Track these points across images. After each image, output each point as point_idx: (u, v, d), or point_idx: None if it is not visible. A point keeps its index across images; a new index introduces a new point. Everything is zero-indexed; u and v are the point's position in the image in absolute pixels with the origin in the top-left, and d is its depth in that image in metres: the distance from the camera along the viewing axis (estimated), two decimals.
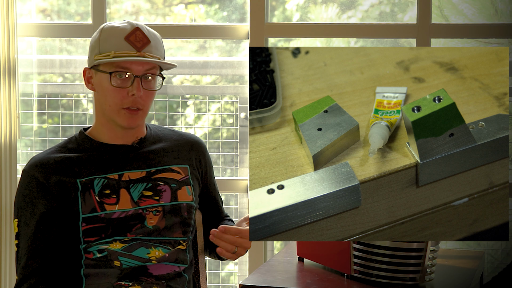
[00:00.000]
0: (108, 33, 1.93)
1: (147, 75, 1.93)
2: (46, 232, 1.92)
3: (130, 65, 1.90)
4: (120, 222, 1.93)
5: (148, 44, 1.93)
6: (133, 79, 1.91)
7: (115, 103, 1.92)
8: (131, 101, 1.92)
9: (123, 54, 1.90)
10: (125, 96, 1.92)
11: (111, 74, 1.91)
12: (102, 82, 1.93)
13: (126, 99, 1.92)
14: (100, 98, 1.95)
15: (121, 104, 1.92)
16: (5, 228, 3.14)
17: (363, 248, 2.09)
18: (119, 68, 1.91)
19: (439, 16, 3.21)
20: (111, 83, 1.91)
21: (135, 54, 1.91)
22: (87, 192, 1.93)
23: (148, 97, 1.94)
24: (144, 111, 1.95)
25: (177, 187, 2.01)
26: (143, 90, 1.92)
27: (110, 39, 1.92)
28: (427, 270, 2.09)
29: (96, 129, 2.01)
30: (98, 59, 1.92)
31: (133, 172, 1.98)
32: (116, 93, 1.91)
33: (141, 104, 1.93)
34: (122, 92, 1.91)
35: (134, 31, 1.92)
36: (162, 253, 1.96)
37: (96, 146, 1.98)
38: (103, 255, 1.93)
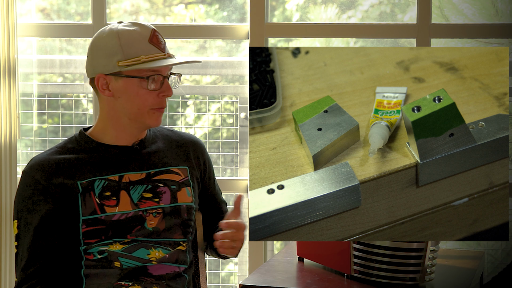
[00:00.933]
0: (128, 37, 1.92)
1: (171, 75, 1.97)
2: (46, 234, 1.91)
3: (160, 67, 1.92)
4: (120, 224, 1.93)
5: (165, 43, 1.95)
6: (162, 80, 1.92)
7: (145, 105, 1.93)
8: (162, 101, 1.95)
9: (154, 57, 1.92)
10: (155, 97, 1.94)
11: (148, 79, 1.91)
12: (130, 87, 1.92)
13: (156, 100, 1.94)
14: (123, 102, 1.94)
15: (152, 105, 1.94)
16: (5, 228, 3.14)
17: (363, 248, 2.09)
18: (152, 72, 1.92)
19: (440, 16, 3.21)
20: (146, 87, 1.91)
21: (164, 56, 1.93)
22: (87, 194, 1.92)
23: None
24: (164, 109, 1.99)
25: (176, 188, 2.01)
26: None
27: (135, 44, 1.91)
28: (427, 270, 2.09)
29: (100, 130, 2.00)
30: (127, 64, 1.91)
31: (133, 174, 1.98)
32: (148, 96, 1.93)
33: (166, 103, 1.97)
34: (153, 94, 1.93)
35: (153, 33, 1.93)
36: (162, 254, 1.96)
37: (97, 147, 1.98)
38: (103, 256, 1.93)
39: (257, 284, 2.12)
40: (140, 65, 1.89)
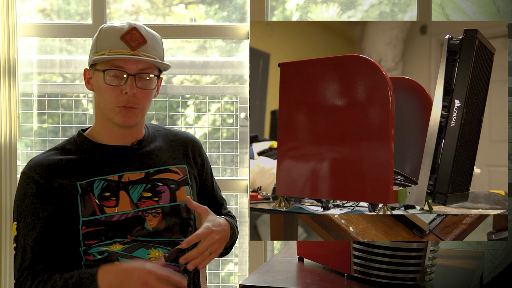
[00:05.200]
0: (105, 32, 1.95)
1: (142, 74, 1.93)
2: (46, 235, 1.91)
3: (124, 64, 1.91)
4: (120, 225, 1.93)
5: (144, 44, 1.93)
6: (127, 77, 1.92)
7: (110, 101, 1.93)
8: (125, 99, 1.92)
9: (117, 52, 1.91)
10: (119, 94, 1.92)
11: (104, 72, 1.91)
12: (98, 80, 1.94)
13: (120, 97, 1.92)
14: (98, 97, 1.96)
15: (116, 102, 1.93)
16: (5, 228, 3.14)
17: (363, 248, 2.09)
18: (113, 67, 1.91)
19: (441, 14, 3.21)
20: (104, 81, 1.91)
21: (128, 53, 1.91)
22: (86, 195, 1.92)
23: (144, 96, 1.94)
24: (140, 110, 1.95)
25: (176, 187, 2.01)
26: (137, 89, 1.92)
27: (107, 38, 1.93)
28: (427, 270, 2.09)
29: (96, 130, 2.01)
30: (95, 57, 1.93)
31: (132, 173, 1.98)
32: (111, 91, 1.92)
33: (136, 103, 1.93)
34: (116, 90, 1.92)
35: (130, 30, 1.93)
36: (162, 254, 1.96)
37: (95, 147, 1.98)
38: (104, 256, 1.93)
39: (257, 284, 2.12)
40: (99, 57, 1.91)
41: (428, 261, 2.08)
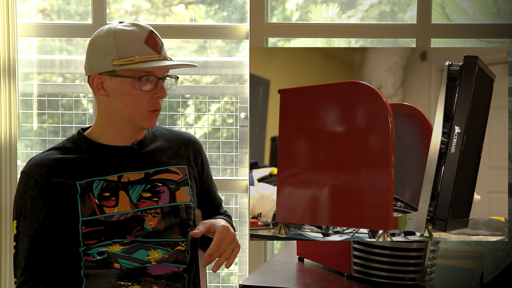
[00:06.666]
0: (124, 37, 1.91)
1: (167, 77, 1.95)
2: (46, 235, 1.91)
3: (154, 68, 1.91)
4: (120, 225, 1.93)
5: (163, 46, 1.94)
6: (156, 81, 1.92)
7: (138, 106, 1.93)
8: (157, 103, 1.94)
9: (148, 58, 1.91)
10: (149, 98, 1.93)
11: (141, 79, 1.91)
12: (124, 86, 1.92)
13: (150, 102, 1.93)
14: (117, 103, 1.93)
15: (146, 106, 1.93)
16: (5, 228, 3.14)
17: (363, 248, 2.09)
18: (145, 73, 1.91)
19: (441, 14, 3.21)
20: (139, 88, 1.91)
21: (158, 58, 1.92)
22: (86, 195, 1.92)
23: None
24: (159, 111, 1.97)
25: (175, 188, 2.00)
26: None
27: (130, 44, 1.90)
28: (427, 270, 2.09)
29: (98, 131, 2.00)
30: (120, 64, 1.91)
31: (132, 174, 1.98)
32: (140, 96, 1.92)
33: (160, 105, 1.95)
34: (146, 95, 1.92)
35: (150, 34, 1.92)
36: (161, 255, 1.96)
37: (95, 147, 1.98)
38: (103, 257, 1.93)
39: (257, 284, 2.12)
40: (133, 65, 1.89)
41: (428, 261, 2.08)
